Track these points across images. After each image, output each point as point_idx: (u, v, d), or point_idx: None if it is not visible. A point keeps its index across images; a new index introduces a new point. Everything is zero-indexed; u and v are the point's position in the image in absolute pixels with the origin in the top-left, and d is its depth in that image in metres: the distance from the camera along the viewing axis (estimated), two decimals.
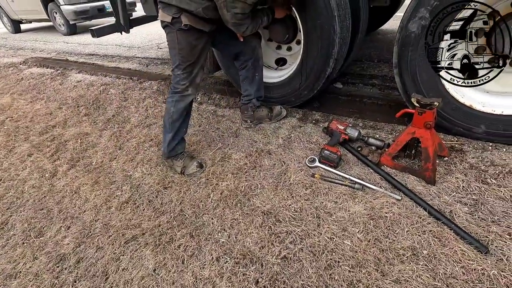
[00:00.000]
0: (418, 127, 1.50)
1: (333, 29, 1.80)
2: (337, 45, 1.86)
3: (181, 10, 1.55)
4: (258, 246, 1.36)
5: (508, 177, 1.48)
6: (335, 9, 1.75)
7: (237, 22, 1.56)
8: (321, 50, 1.92)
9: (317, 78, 2.04)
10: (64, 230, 1.64)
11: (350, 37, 2.08)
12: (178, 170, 1.88)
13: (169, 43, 1.71)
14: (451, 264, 1.16)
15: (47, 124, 2.80)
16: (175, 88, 1.78)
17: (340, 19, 1.80)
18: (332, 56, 1.90)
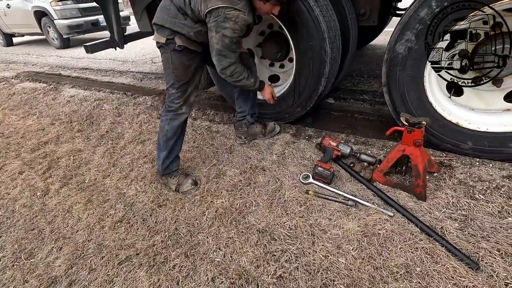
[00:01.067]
0: (407, 144, 1.55)
1: (324, 50, 1.87)
2: (328, 64, 1.93)
3: (175, 32, 1.60)
4: (253, 265, 1.36)
5: (495, 193, 1.52)
6: (326, 31, 1.83)
7: (222, 50, 1.54)
8: (313, 70, 1.99)
9: (310, 96, 2.11)
10: (56, 251, 1.61)
11: (340, 55, 2.16)
12: (173, 188, 1.87)
13: (163, 63, 1.74)
14: (443, 281, 1.18)
15: (39, 140, 2.77)
16: (170, 106, 1.79)
17: (331, 40, 1.88)
18: (323, 75, 1.97)
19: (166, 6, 1.60)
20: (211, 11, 1.45)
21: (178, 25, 1.58)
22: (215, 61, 1.62)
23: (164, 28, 1.60)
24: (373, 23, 2.31)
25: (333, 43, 1.92)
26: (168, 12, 1.58)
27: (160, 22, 1.61)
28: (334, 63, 2.02)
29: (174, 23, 1.58)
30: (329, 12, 1.92)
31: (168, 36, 1.60)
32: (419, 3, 1.51)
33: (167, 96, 1.80)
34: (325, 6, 1.89)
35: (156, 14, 1.64)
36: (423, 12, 1.51)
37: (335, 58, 2.01)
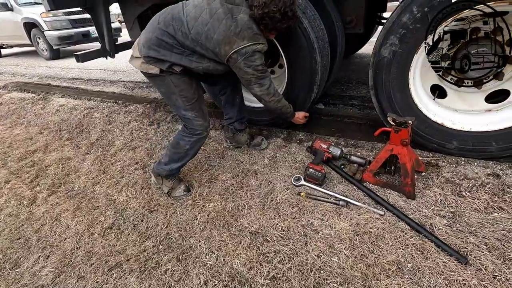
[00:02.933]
0: (395, 144, 1.58)
1: (314, 60, 1.92)
2: (319, 73, 1.99)
3: (176, 64, 1.54)
4: (246, 267, 1.35)
5: (480, 190, 1.56)
6: (315, 42, 1.88)
7: (259, 78, 1.57)
8: (304, 79, 2.04)
9: (303, 103, 2.14)
10: (42, 260, 1.56)
11: (329, 62, 2.22)
12: (165, 190, 1.86)
13: (164, 91, 1.66)
14: (434, 276, 1.20)
15: (27, 149, 2.72)
16: (194, 130, 1.71)
17: (320, 50, 1.94)
18: (315, 83, 2.02)
19: (165, 41, 1.48)
20: (238, 51, 1.46)
21: (185, 60, 1.54)
22: (257, 91, 1.62)
23: (165, 62, 1.53)
24: (359, 31, 2.39)
25: (322, 52, 1.98)
26: (170, 48, 1.50)
27: (162, 57, 1.50)
28: (324, 71, 2.09)
29: (180, 58, 1.52)
30: (317, 22, 1.97)
31: (167, 68, 1.54)
32: (401, 9, 1.58)
33: (185, 121, 1.72)
34: (312, 17, 1.94)
35: (150, 46, 1.50)
36: (405, 17, 1.58)
37: (325, 65, 2.07)
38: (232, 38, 1.45)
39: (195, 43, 1.49)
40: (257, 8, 1.44)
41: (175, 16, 1.50)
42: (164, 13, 1.55)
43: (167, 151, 1.82)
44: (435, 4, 1.49)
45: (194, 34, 1.47)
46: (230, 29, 1.45)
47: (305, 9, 1.91)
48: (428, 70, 1.85)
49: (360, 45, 4.29)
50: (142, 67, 1.58)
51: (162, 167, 1.82)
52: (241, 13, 1.47)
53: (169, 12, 1.53)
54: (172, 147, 1.78)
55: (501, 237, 1.31)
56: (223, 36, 1.45)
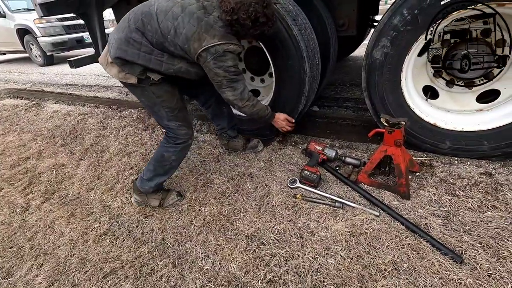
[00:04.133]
0: (389, 145, 1.60)
1: (303, 69, 1.85)
2: (308, 83, 1.91)
3: (148, 69, 1.45)
4: (243, 271, 1.34)
5: (474, 189, 1.58)
6: (304, 50, 1.81)
7: (232, 80, 1.48)
8: (292, 89, 1.96)
9: (290, 114, 2.02)
10: (36, 268, 1.54)
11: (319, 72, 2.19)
12: (156, 204, 1.77)
13: (145, 101, 1.59)
14: (430, 276, 1.20)
15: (20, 156, 2.69)
16: (178, 139, 1.65)
17: (310, 59, 1.85)
18: (303, 94, 1.95)
19: (134, 39, 1.39)
20: (208, 49, 1.38)
21: (154, 62, 1.43)
22: (229, 95, 1.54)
23: (134, 65, 1.42)
24: (351, 34, 2.41)
25: (312, 61, 1.89)
26: (138, 47, 1.40)
27: (129, 57, 1.40)
28: (313, 81, 1.98)
29: (149, 59, 1.42)
30: (307, 30, 1.88)
31: (139, 75, 1.45)
32: (392, 11, 1.61)
33: (168, 131, 1.66)
34: (303, 25, 1.86)
35: (118, 47, 1.40)
36: (396, 19, 1.60)
37: (314, 76, 1.97)
38: (202, 35, 1.36)
39: (163, 39, 1.39)
40: (226, 14, 1.36)
41: (145, 10, 1.41)
42: (135, 9, 1.46)
43: (150, 166, 1.70)
44: (424, 7, 1.51)
45: (163, 28, 1.37)
46: (200, 25, 1.36)
47: (296, 16, 1.83)
48: (420, 71, 1.88)
49: (353, 48, 4.33)
50: (119, 76, 1.48)
51: (147, 184, 1.71)
52: (215, 11, 1.40)
53: (140, 8, 1.45)
54: (156, 161, 1.69)
55: (495, 235, 1.32)
56: (192, 32, 1.36)
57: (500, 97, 1.74)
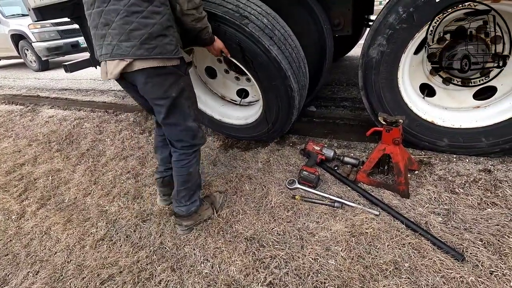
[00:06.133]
0: (387, 143, 1.59)
1: (289, 88, 1.72)
2: (297, 97, 1.80)
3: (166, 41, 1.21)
4: (242, 274, 1.32)
5: (473, 186, 1.57)
6: (288, 69, 1.66)
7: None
8: (281, 105, 1.86)
9: (284, 124, 2.01)
10: (32, 275, 1.51)
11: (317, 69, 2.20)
12: (211, 213, 1.65)
13: (179, 95, 1.31)
14: (431, 274, 1.19)
15: (15, 162, 2.66)
16: (195, 145, 1.46)
17: (295, 74, 1.71)
18: (294, 107, 1.85)
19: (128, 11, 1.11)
20: None
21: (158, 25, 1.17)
22: (189, 14, 1.24)
23: (161, 37, 1.18)
24: (347, 33, 2.41)
25: (298, 74, 1.75)
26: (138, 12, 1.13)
27: (150, 29, 1.15)
28: (303, 90, 1.88)
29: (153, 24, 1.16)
30: (288, 41, 1.68)
31: (175, 54, 1.24)
32: (387, 10, 1.60)
33: (186, 137, 1.42)
34: (282, 37, 1.67)
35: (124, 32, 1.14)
36: (391, 17, 1.59)
37: (302, 87, 1.85)
38: None
39: None
40: None
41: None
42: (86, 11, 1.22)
43: (182, 192, 1.51)
44: (420, 4, 1.51)
45: None
46: None
47: (272, 31, 1.61)
48: (417, 69, 1.88)
49: (349, 47, 4.34)
50: (153, 63, 1.19)
51: (193, 205, 1.55)
52: None
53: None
54: (186, 182, 1.49)
55: (496, 232, 1.31)
56: None
57: (497, 93, 1.74)
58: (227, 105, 2.36)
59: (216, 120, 2.34)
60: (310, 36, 2.30)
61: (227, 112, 2.29)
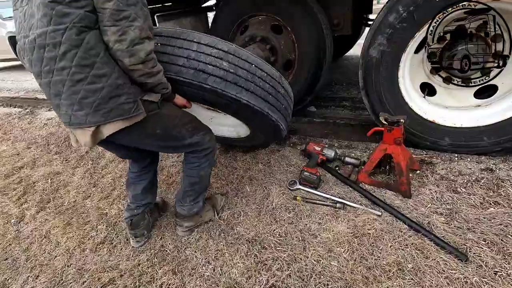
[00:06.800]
0: (388, 143, 1.58)
1: (270, 121, 1.47)
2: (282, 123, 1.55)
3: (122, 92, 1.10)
4: (244, 276, 1.31)
5: (475, 185, 1.57)
6: (264, 107, 1.39)
7: (124, 8, 0.96)
8: (267, 133, 1.74)
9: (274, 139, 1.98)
10: (31, 280, 1.50)
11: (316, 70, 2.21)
12: (212, 215, 1.64)
13: (161, 131, 1.25)
14: (435, 275, 1.18)
15: (14, 165, 2.64)
16: (206, 150, 1.41)
17: (274, 106, 1.45)
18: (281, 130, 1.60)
19: (72, 73, 1.01)
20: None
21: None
22: (116, 34, 0.97)
23: (115, 99, 1.07)
24: (347, 33, 2.41)
25: (277, 102, 1.47)
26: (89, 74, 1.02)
27: (98, 96, 1.05)
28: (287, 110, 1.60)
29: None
30: (256, 75, 1.35)
31: (133, 106, 1.11)
32: (388, 9, 1.60)
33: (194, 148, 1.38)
34: (250, 75, 1.32)
35: (77, 101, 1.05)
36: (391, 17, 1.59)
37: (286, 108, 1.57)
38: None
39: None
40: None
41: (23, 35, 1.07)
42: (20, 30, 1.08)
43: (189, 192, 1.49)
44: (420, 3, 1.51)
45: None
46: None
47: (235, 73, 1.27)
48: (417, 69, 1.87)
49: (348, 47, 4.34)
50: (117, 125, 1.10)
51: (196, 206, 1.53)
52: None
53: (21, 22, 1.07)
54: (195, 184, 1.47)
55: (499, 232, 1.31)
56: None
57: (498, 92, 1.74)
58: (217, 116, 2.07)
59: None
60: (309, 36, 2.30)
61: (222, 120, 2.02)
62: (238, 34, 2.65)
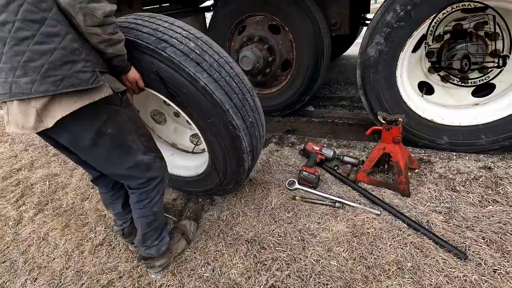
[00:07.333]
0: (387, 142, 1.58)
1: (231, 125, 1.29)
2: (245, 137, 1.36)
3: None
4: (244, 277, 1.31)
5: (474, 183, 1.57)
6: (226, 101, 1.25)
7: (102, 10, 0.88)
8: (226, 148, 1.39)
9: (237, 172, 1.50)
10: (30, 283, 1.49)
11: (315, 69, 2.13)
12: (184, 244, 1.49)
13: (118, 133, 1.07)
14: (435, 274, 1.18)
15: (11, 168, 2.62)
16: (154, 179, 1.22)
17: (237, 108, 1.31)
18: (243, 150, 1.38)
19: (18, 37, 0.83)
20: None
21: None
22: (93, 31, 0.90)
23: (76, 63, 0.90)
24: (344, 32, 2.41)
25: (241, 109, 1.33)
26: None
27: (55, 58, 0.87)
28: (255, 129, 1.43)
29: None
30: (224, 68, 1.29)
31: (93, 84, 0.92)
32: (385, 8, 1.60)
33: (137, 173, 1.18)
34: (216, 64, 1.27)
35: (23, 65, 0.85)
36: (389, 16, 1.59)
37: (253, 124, 1.40)
38: None
39: None
40: None
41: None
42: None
43: (149, 233, 1.30)
44: (417, 2, 1.51)
45: None
46: None
47: (201, 56, 1.23)
48: (415, 67, 1.87)
49: (346, 46, 4.35)
50: (66, 108, 0.90)
51: (163, 242, 1.35)
52: None
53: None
54: (152, 222, 1.29)
55: (498, 230, 1.31)
56: None
57: (495, 90, 1.74)
58: (178, 154, 1.93)
59: None
60: (307, 35, 2.30)
61: (177, 161, 1.84)
62: (236, 34, 2.65)
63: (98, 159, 1.12)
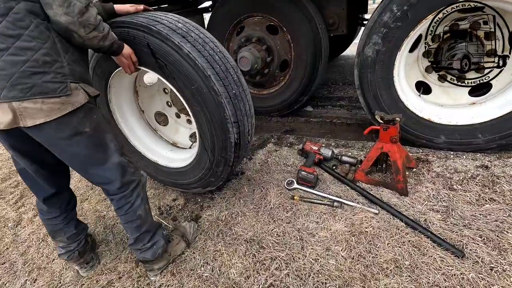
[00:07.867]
0: (385, 142, 1.59)
1: (213, 90, 1.36)
2: (228, 105, 1.41)
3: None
4: (243, 276, 1.32)
5: (471, 182, 1.58)
6: (207, 68, 1.35)
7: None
8: (211, 117, 1.44)
9: (225, 148, 1.49)
10: (29, 284, 1.49)
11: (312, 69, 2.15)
12: (183, 246, 1.49)
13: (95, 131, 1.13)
14: (432, 272, 1.19)
15: (10, 169, 2.62)
16: (129, 182, 1.24)
17: (220, 76, 1.40)
18: (227, 120, 1.42)
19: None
20: None
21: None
22: (62, 6, 0.95)
23: (46, 75, 0.98)
24: (342, 32, 2.42)
25: (224, 79, 1.42)
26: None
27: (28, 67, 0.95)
28: (238, 100, 1.48)
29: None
30: (208, 45, 1.43)
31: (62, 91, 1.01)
32: (382, 8, 1.61)
33: (115, 172, 1.20)
34: (200, 39, 1.41)
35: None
36: (386, 16, 1.60)
37: (236, 96, 1.47)
38: None
39: None
40: None
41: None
42: None
43: (140, 236, 1.31)
44: (414, 3, 1.52)
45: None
46: None
47: (187, 33, 1.39)
48: (412, 67, 1.88)
49: (344, 47, 4.36)
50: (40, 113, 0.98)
51: (157, 245, 1.36)
52: None
53: None
54: (140, 227, 1.30)
55: (495, 228, 1.32)
56: None
57: (492, 89, 1.76)
58: (175, 150, 2.01)
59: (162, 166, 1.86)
60: (305, 36, 2.31)
61: (174, 156, 1.91)
62: (234, 35, 2.66)
63: (77, 158, 1.15)
